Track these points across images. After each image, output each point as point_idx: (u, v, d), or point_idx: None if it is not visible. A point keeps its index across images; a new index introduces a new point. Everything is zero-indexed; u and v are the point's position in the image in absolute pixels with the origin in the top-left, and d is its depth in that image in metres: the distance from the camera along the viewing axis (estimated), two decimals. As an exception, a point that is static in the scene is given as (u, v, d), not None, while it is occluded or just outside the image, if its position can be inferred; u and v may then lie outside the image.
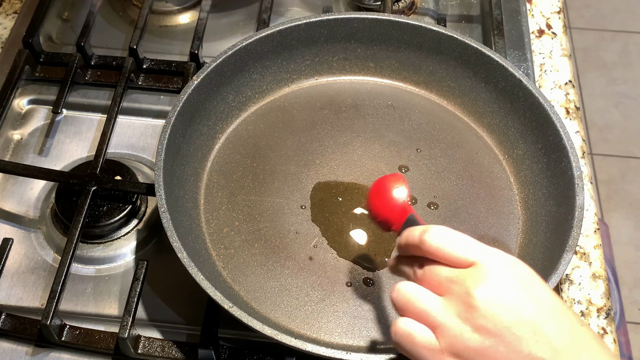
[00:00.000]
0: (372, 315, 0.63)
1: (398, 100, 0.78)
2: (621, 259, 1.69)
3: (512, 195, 0.71)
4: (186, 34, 0.87)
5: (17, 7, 0.90)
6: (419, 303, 0.46)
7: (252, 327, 0.54)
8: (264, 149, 0.74)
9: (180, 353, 0.61)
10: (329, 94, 0.78)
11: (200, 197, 0.70)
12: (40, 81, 0.82)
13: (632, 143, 1.92)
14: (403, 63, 0.78)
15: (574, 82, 0.84)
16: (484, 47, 0.73)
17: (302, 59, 0.78)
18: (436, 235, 0.47)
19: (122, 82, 0.77)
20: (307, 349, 0.54)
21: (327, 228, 0.68)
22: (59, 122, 0.80)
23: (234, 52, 0.72)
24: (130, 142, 0.78)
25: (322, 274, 0.65)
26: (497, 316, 0.44)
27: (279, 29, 0.74)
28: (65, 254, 0.64)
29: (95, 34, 0.84)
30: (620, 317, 1.39)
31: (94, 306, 0.66)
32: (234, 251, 0.67)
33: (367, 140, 0.75)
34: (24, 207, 0.73)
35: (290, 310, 0.63)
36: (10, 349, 0.63)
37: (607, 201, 1.82)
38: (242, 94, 0.76)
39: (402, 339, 0.47)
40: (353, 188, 0.71)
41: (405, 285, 0.48)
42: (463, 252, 0.46)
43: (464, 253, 0.46)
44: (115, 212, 0.69)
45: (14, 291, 0.67)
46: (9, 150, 0.77)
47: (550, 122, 0.68)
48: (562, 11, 0.90)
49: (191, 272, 0.57)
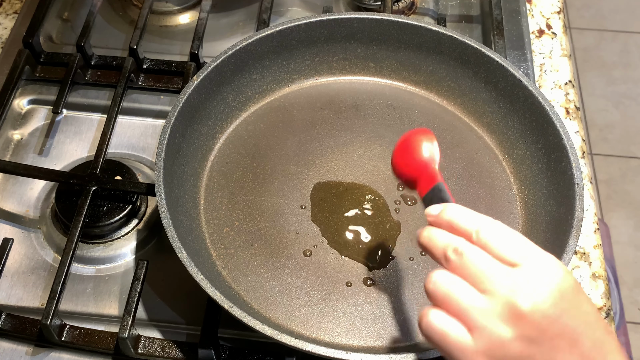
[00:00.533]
0: (372, 315, 0.63)
1: (398, 100, 0.78)
2: (621, 259, 1.69)
3: (512, 195, 0.71)
4: (186, 34, 0.87)
5: (17, 7, 0.90)
6: (461, 301, 0.43)
7: (252, 327, 0.54)
8: (264, 149, 0.74)
9: (180, 353, 0.61)
10: (329, 94, 0.78)
11: (200, 197, 0.70)
12: (40, 81, 0.82)
13: (632, 143, 1.92)
14: (403, 63, 0.78)
15: (574, 82, 0.84)
16: (484, 47, 0.73)
17: (302, 59, 0.78)
18: (489, 231, 0.45)
19: (122, 82, 0.77)
20: (307, 349, 0.54)
21: (327, 228, 0.68)
22: (59, 122, 0.80)
23: (234, 52, 0.72)
24: (130, 142, 0.78)
25: (322, 274, 0.65)
26: (543, 327, 0.41)
27: (279, 29, 0.74)
28: (65, 254, 0.64)
29: (95, 34, 0.84)
30: (620, 317, 1.39)
31: (94, 306, 0.66)
32: (234, 251, 0.67)
33: (367, 140, 0.75)
34: (24, 207, 0.73)
35: (290, 310, 0.63)
36: (10, 349, 0.63)
37: (607, 201, 1.82)
38: (242, 94, 0.76)
39: (434, 334, 0.44)
40: (353, 188, 0.71)
41: (443, 277, 0.44)
42: (514, 253, 0.43)
43: (515, 254, 0.43)
44: (115, 212, 0.69)
45: (14, 291, 0.67)
46: (9, 150, 0.77)
47: (550, 122, 0.68)
48: (562, 11, 0.90)
49: (191, 272, 0.57)
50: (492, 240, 0.44)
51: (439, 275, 0.45)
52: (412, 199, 0.70)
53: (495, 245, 0.44)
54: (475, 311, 0.43)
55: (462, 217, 0.47)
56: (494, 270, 0.43)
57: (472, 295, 0.43)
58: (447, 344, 0.44)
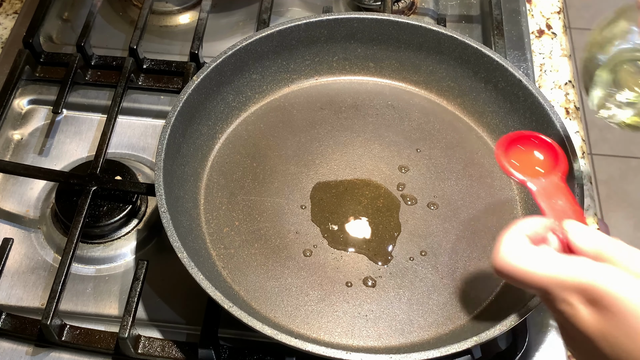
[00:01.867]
0: (372, 315, 0.63)
1: (398, 100, 0.78)
2: (621, 259, 1.69)
3: (512, 196, 0.71)
4: (186, 34, 0.87)
5: (17, 7, 0.90)
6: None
7: (252, 327, 0.54)
8: (264, 149, 0.74)
9: (180, 353, 0.61)
10: (329, 94, 0.78)
11: (200, 197, 0.70)
12: (40, 81, 0.82)
13: (632, 143, 1.92)
14: (403, 63, 0.78)
15: (574, 82, 0.84)
16: (484, 47, 0.73)
17: (302, 59, 0.78)
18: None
19: (122, 82, 0.77)
20: (307, 349, 0.54)
21: (327, 228, 0.68)
22: (59, 122, 0.80)
23: (234, 52, 0.72)
24: (130, 142, 0.78)
25: (322, 274, 0.65)
26: None
27: (279, 29, 0.74)
28: (65, 254, 0.64)
29: (95, 34, 0.84)
30: (620, 317, 1.38)
31: (94, 306, 0.66)
32: (234, 251, 0.67)
33: (367, 140, 0.75)
34: (24, 207, 0.73)
35: (290, 310, 0.63)
36: (10, 349, 0.63)
37: (607, 201, 1.82)
38: (242, 94, 0.76)
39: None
40: (353, 188, 0.71)
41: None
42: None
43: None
44: (115, 212, 0.69)
45: (14, 291, 0.67)
46: (9, 150, 0.77)
47: (550, 122, 0.68)
48: (562, 11, 0.90)
49: (191, 272, 0.57)
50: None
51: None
52: (412, 198, 0.70)
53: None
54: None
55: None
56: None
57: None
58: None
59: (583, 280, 0.40)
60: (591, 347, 0.41)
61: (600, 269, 0.41)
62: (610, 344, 0.39)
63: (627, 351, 0.39)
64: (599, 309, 0.40)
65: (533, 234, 0.46)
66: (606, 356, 0.40)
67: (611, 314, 0.39)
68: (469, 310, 0.63)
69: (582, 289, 0.41)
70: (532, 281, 0.43)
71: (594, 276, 0.40)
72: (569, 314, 0.41)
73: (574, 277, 0.41)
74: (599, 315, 0.40)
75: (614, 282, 0.40)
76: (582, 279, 0.41)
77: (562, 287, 0.41)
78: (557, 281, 0.42)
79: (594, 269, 0.41)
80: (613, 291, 0.39)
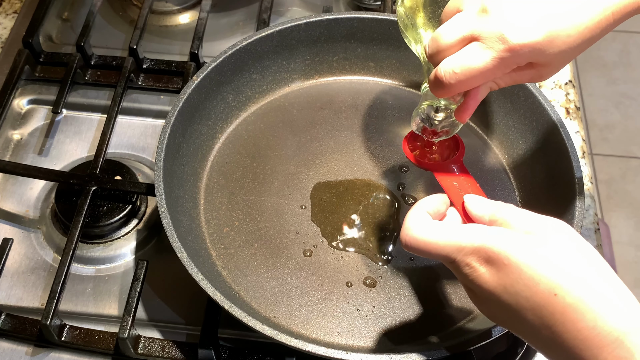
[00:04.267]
0: (372, 315, 0.63)
1: (398, 100, 0.78)
2: (621, 259, 1.69)
3: (512, 196, 0.71)
4: (186, 34, 0.87)
5: (17, 7, 0.90)
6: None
7: (252, 327, 0.54)
8: (264, 149, 0.74)
9: (180, 353, 0.61)
10: (329, 94, 0.78)
11: (200, 197, 0.70)
12: (40, 81, 0.82)
13: (632, 143, 1.92)
14: (403, 63, 0.78)
15: (574, 82, 0.84)
16: (484, 47, 0.73)
17: (302, 59, 0.78)
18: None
19: (122, 82, 0.77)
20: (307, 349, 0.54)
21: (327, 228, 0.68)
22: (59, 122, 0.80)
23: (234, 52, 0.72)
24: (130, 142, 0.78)
25: (322, 274, 0.65)
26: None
27: (279, 29, 0.74)
28: (65, 254, 0.64)
29: (95, 34, 0.84)
30: (620, 317, 1.38)
31: (94, 306, 0.66)
32: (234, 251, 0.67)
33: (367, 140, 0.75)
34: (24, 207, 0.73)
35: (290, 310, 0.63)
36: (10, 349, 0.63)
37: (607, 201, 1.82)
38: (242, 94, 0.76)
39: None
40: (353, 188, 0.71)
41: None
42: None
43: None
44: (115, 212, 0.69)
45: (14, 291, 0.67)
46: (9, 150, 0.77)
47: (550, 122, 0.68)
48: (562, 11, 0.90)
49: (191, 272, 0.57)
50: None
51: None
52: (412, 198, 0.70)
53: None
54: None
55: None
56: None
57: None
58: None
59: (477, 243, 0.45)
60: (497, 302, 0.45)
61: (491, 231, 0.46)
62: (511, 294, 0.44)
63: (525, 297, 0.43)
64: (496, 266, 0.44)
65: (434, 210, 0.51)
66: (510, 306, 0.44)
67: (506, 267, 0.44)
68: (469, 310, 0.63)
69: (478, 252, 0.45)
70: (435, 250, 0.47)
71: (486, 239, 0.45)
72: (472, 276, 0.46)
73: (470, 242, 0.46)
74: (496, 271, 0.44)
75: (503, 241, 0.44)
76: (476, 242, 0.45)
77: (462, 253, 0.46)
78: (457, 247, 0.46)
79: (486, 233, 0.46)
80: (503, 249, 0.44)
